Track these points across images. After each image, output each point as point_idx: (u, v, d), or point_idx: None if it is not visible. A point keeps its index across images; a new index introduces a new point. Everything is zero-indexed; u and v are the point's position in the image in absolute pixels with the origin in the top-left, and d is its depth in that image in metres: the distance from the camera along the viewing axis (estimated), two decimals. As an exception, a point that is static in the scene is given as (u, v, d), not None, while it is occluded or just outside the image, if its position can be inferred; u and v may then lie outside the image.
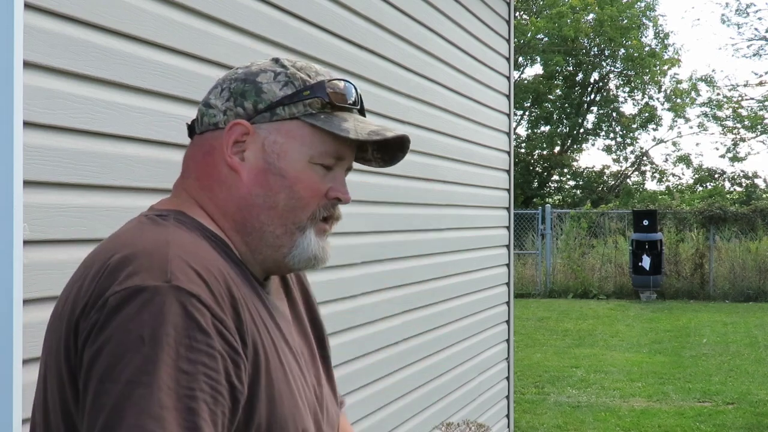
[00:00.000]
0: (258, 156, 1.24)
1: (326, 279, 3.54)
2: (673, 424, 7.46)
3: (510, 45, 6.25)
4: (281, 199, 1.24)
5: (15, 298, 1.93)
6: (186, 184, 1.29)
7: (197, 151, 1.28)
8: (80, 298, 1.13)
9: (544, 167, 28.95)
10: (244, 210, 1.25)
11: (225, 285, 1.14)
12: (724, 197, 22.76)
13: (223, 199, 1.25)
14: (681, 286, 17.03)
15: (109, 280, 1.11)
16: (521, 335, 11.87)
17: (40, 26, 2.04)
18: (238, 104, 1.25)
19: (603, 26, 26.66)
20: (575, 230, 18.71)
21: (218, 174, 1.25)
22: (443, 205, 4.97)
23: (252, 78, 1.26)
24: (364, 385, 3.92)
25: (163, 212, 1.24)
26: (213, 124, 1.26)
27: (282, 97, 1.24)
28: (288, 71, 1.26)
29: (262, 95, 1.24)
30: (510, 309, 6.35)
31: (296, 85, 1.25)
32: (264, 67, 1.27)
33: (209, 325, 1.08)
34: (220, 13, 2.77)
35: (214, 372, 1.07)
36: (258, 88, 1.25)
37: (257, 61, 1.31)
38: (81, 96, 2.18)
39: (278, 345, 1.22)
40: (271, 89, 1.25)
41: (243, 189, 1.24)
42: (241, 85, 1.26)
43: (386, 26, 4.12)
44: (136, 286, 1.08)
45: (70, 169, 2.15)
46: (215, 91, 1.28)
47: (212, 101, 1.27)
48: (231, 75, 1.29)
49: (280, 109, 1.24)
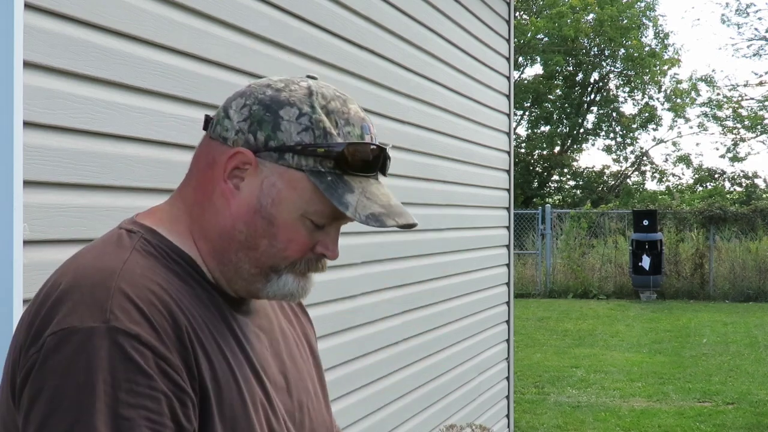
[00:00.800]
0: (252, 192, 1.18)
1: (326, 279, 3.54)
2: (673, 424, 7.46)
3: (510, 45, 6.25)
4: (262, 244, 1.18)
5: (15, 298, 1.93)
6: (185, 192, 1.24)
7: (203, 156, 1.23)
8: (23, 329, 1.11)
9: (544, 167, 28.96)
10: (224, 240, 1.20)
11: (171, 318, 1.10)
12: (724, 197, 22.76)
13: (207, 221, 1.20)
14: (681, 286, 17.04)
15: (49, 316, 1.08)
16: (521, 335, 11.87)
17: (40, 26, 2.04)
18: (251, 131, 1.17)
19: (603, 26, 26.67)
20: (575, 230, 18.71)
21: (211, 192, 1.20)
22: (443, 205, 4.97)
23: (275, 108, 1.17)
24: (364, 385, 3.92)
25: (135, 228, 1.20)
26: (222, 137, 1.20)
27: (295, 144, 1.16)
28: (314, 116, 1.17)
29: (278, 133, 1.16)
30: (510, 309, 6.35)
31: (316, 134, 1.16)
32: (293, 99, 1.18)
33: (151, 366, 1.05)
34: (220, 13, 2.77)
35: (156, 415, 1.03)
36: (276, 123, 1.16)
37: (295, 82, 1.21)
38: (81, 96, 2.18)
39: (238, 373, 1.17)
40: (288, 130, 1.16)
41: (228, 220, 1.19)
42: (262, 111, 1.17)
43: (386, 26, 4.12)
44: (72, 328, 1.05)
45: (70, 169, 2.15)
46: (238, 102, 1.20)
47: (231, 113, 1.20)
48: (260, 91, 1.20)
49: (289, 156, 1.16)
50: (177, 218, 1.23)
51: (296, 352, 1.34)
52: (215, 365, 1.13)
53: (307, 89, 1.20)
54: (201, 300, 1.18)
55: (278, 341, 1.31)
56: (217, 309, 1.20)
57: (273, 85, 1.21)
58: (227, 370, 1.15)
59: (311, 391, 1.33)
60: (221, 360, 1.15)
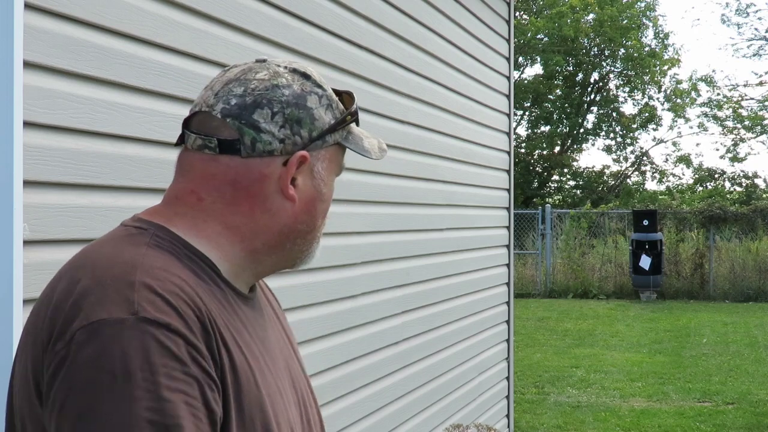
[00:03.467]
0: (308, 184, 1.25)
1: (326, 279, 3.54)
2: (673, 424, 7.46)
3: (510, 45, 6.25)
4: (320, 222, 1.28)
5: (15, 298, 1.93)
6: (207, 207, 1.23)
7: (240, 176, 1.22)
8: (45, 326, 1.11)
9: (544, 167, 28.96)
10: (284, 236, 1.25)
11: (195, 308, 1.12)
12: (724, 197, 22.77)
13: (263, 225, 1.23)
14: (681, 286, 17.04)
15: (74, 310, 1.08)
16: (521, 335, 11.87)
17: (40, 26, 2.04)
18: (295, 132, 1.22)
19: (603, 26, 26.67)
20: (575, 230, 18.72)
21: (267, 203, 1.22)
22: (443, 205, 4.97)
23: (303, 103, 1.23)
24: (364, 385, 3.92)
25: (144, 225, 1.21)
26: (267, 152, 1.21)
27: (330, 125, 1.25)
28: (326, 93, 1.26)
29: (315, 123, 1.24)
30: (510, 309, 6.35)
31: (333, 108, 1.26)
32: (306, 88, 1.24)
33: (183, 353, 1.07)
34: (220, 13, 2.77)
35: (193, 399, 1.05)
36: (311, 115, 1.23)
37: (279, 73, 1.25)
38: (81, 96, 2.18)
39: (254, 366, 1.19)
40: (321, 116, 1.24)
41: (290, 217, 1.24)
42: (295, 111, 1.22)
43: (386, 26, 4.12)
44: (102, 320, 1.06)
45: (70, 169, 2.15)
46: (263, 113, 1.21)
47: (263, 125, 1.21)
48: (275, 94, 1.22)
49: (329, 137, 1.25)
50: (190, 221, 1.23)
51: (290, 347, 1.38)
52: (234, 357, 1.16)
53: (302, 74, 1.26)
54: (215, 295, 1.19)
55: (279, 337, 1.34)
56: (230, 304, 1.22)
57: (274, 82, 1.23)
58: (244, 362, 1.17)
59: (306, 385, 1.37)
60: (239, 353, 1.17)
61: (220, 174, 1.22)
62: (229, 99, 1.22)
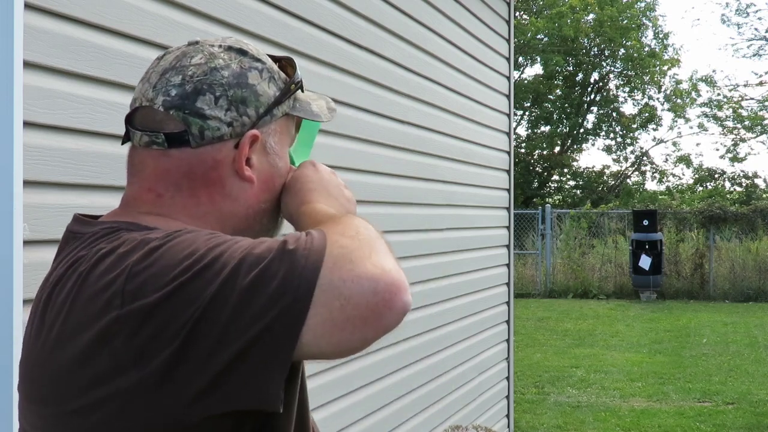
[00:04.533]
0: (264, 161, 1.22)
1: (326, 279, 3.53)
2: (673, 424, 7.46)
3: (510, 45, 6.25)
4: (280, 197, 1.25)
5: (15, 298, 1.93)
6: (168, 203, 1.20)
7: (194, 167, 1.19)
8: (114, 292, 1.04)
9: (544, 167, 28.96)
10: (251, 218, 1.23)
11: None
12: (724, 197, 22.77)
13: (228, 211, 1.21)
14: (681, 286, 17.04)
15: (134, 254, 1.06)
16: (521, 335, 11.87)
17: (40, 26, 2.04)
18: (242, 113, 1.19)
19: (603, 26, 26.68)
20: (575, 230, 18.72)
21: (226, 188, 1.20)
22: (443, 205, 4.97)
23: (244, 81, 1.20)
24: (364, 385, 3.92)
25: (112, 225, 1.17)
26: (217, 137, 1.19)
27: (276, 98, 1.23)
28: (266, 65, 1.24)
29: (260, 98, 1.21)
30: (510, 309, 6.35)
31: (276, 79, 1.24)
32: (245, 64, 1.22)
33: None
34: (220, 13, 2.77)
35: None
36: (255, 92, 1.21)
37: (214, 54, 1.22)
38: (81, 96, 2.18)
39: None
40: (265, 90, 1.22)
41: (252, 198, 1.22)
42: (238, 91, 1.19)
43: (386, 26, 4.12)
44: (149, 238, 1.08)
45: (70, 169, 2.15)
46: (206, 99, 1.18)
47: (208, 112, 1.18)
48: (214, 77, 1.19)
49: (276, 110, 1.23)
50: (169, 222, 1.20)
51: None
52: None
53: (238, 50, 1.23)
54: None
55: None
56: None
57: (212, 65, 1.20)
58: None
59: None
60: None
61: (174, 168, 1.19)
62: (169, 90, 1.19)
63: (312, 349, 0.98)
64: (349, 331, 0.97)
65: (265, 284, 0.98)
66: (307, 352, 0.99)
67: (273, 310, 0.97)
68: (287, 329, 0.97)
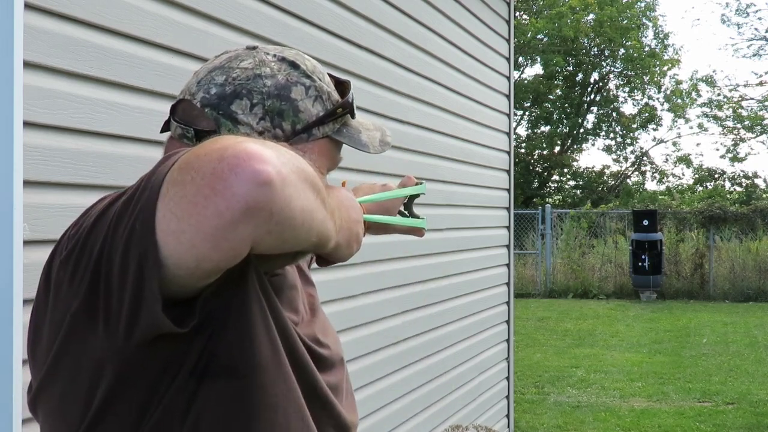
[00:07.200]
0: None
1: (326, 279, 3.54)
2: (673, 424, 7.46)
3: (510, 45, 6.25)
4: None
5: (15, 298, 1.93)
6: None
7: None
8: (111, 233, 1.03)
9: (544, 167, 28.96)
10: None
11: None
12: (724, 197, 22.76)
13: None
14: (681, 286, 17.03)
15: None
16: (521, 335, 11.87)
17: (40, 26, 2.04)
18: (276, 125, 1.17)
19: (603, 26, 26.67)
20: (575, 230, 18.71)
21: None
22: (443, 205, 4.97)
23: (286, 94, 1.18)
24: (364, 385, 3.92)
25: None
26: None
27: (318, 117, 1.20)
28: (315, 84, 1.21)
29: (300, 115, 1.19)
30: (510, 309, 6.35)
31: (324, 99, 1.21)
32: (292, 78, 1.19)
33: None
34: (220, 13, 2.77)
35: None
36: (295, 106, 1.18)
37: (264, 61, 1.20)
38: (81, 96, 2.18)
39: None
40: (307, 108, 1.19)
41: None
42: (276, 102, 1.17)
43: (386, 26, 4.12)
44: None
45: (70, 169, 2.15)
46: (240, 104, 1.17)
47: (240, 117, 1.16)
48: (256, 84, 1.18)
49: (315, 130, 1.20)
50: None
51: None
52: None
53: (290, 63, 1.21)
54: None
55: None
56: None
57: (258, 71, 1.19)
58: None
59: None
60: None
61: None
62: (210, 88, 1.19)
63: (180, 238, 0.92)
64: (202, 204, 0.90)
65: (132, 191, 1.01)
66: (176, 245, 0.92)
67: (135, 210, 0.96)
68: (145, 221, 0.94)
